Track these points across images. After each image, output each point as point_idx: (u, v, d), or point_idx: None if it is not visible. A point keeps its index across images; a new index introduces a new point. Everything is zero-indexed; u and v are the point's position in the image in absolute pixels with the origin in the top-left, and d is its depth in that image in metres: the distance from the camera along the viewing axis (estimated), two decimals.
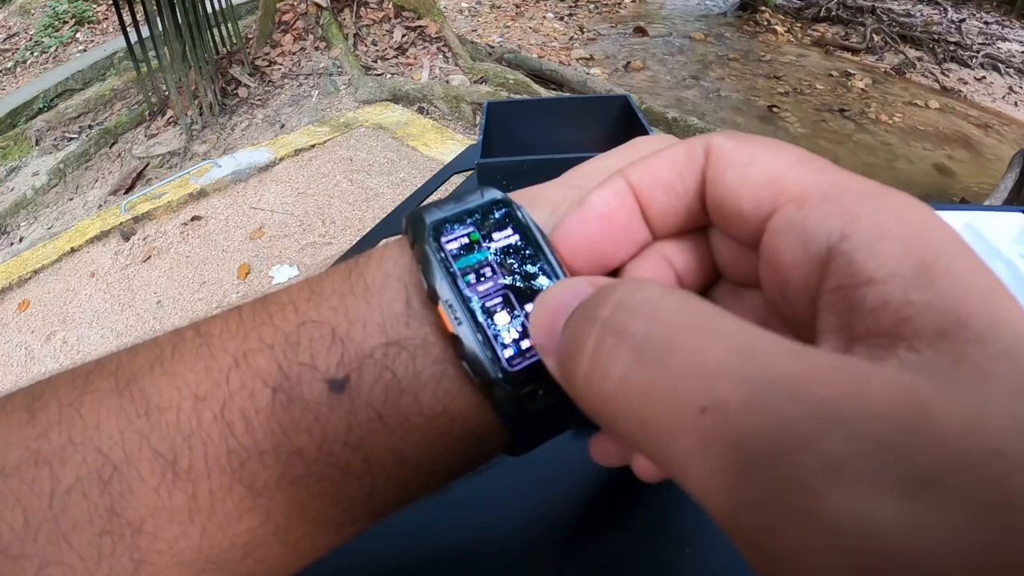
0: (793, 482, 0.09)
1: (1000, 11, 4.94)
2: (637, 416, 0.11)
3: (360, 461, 0.16)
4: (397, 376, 0.16)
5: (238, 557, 0.16)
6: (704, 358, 0.11)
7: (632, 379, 0.11)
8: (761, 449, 0.10)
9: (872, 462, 0.09)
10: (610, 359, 0.12)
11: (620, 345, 0.12)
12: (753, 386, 0.10)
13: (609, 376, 0.12)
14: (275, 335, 0.16)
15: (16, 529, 0.15)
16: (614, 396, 0.11)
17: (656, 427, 0.11)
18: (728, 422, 0.10)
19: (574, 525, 0.31)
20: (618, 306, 0.12)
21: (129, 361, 0.17)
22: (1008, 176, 2.37)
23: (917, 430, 0.09)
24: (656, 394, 0.11)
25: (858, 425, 0.09)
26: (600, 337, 0.12)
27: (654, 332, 0.11)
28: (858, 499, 0.09)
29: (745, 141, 0.15)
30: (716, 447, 0.10)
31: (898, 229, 0.12)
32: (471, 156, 0.75)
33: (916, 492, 0.09)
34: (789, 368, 0.10)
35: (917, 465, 0.09)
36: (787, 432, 0.09)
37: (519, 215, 0.17)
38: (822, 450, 0.09)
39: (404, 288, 0.16)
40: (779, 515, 0.09)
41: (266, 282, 1.87)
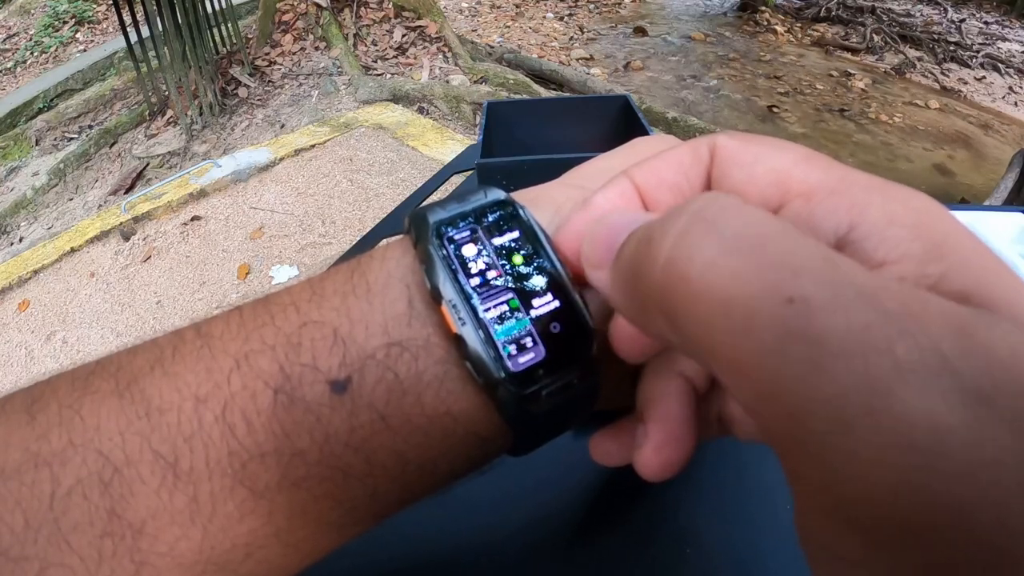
0: (869, 379, 0.10)
1: (1000, 11, 4.94)
2: (719, 301, 0.11)
3: (362, 462, 0.16)
4: (399, 377, 0.16)
5: (239, 559, 0.16)
6: (794, 256, 0.11)
7: (722, 264, 0.11)
8: (840, 345, 0.10)
9: (935, 372, 0.10)
10: (699, 244, 0.12)
11: (711, 233, 0.12)
12: (836, 288, 0.10)
13: (695, 260, 0.12)
14: (276, 336, 0.16)
15: (16, 531, 0.15)
16: (698, 280, 0.11)
17: (738, 313, 0.11)
18: (812, 315, 0.10)
19: (575, 525, 0.31)
20: (709, 202, 0.12)
21: (129, 362, 0.17)
22: (1008, 176, 2.37)
23: (970, 352, 0.10)
24: (745, 280, 0.11)
25: (921, 337, 0.10)
26: (689, 224, 0.12)
27: (747, 226, 0.12)
28: (928, 401, 0.09)
29: (749, 140, 0.16)
30: (798, 337, 0.10)
31: (905, 217, 0.13)
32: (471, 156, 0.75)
33: (973, 404, 0.09)
34: (865, 280, 0.11)
35: (972, 382, 0.09)
36: (864, 333, 0.10)
37: (522, 215, 0.17)
38: (895, 353, 0.10)
39: (406, 288, 0.16)
40: (852, 409, 0.10)
41: (266, 282, 1.87)
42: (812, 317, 0.10)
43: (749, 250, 0.11)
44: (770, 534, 0.29)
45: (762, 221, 0.12)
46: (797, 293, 0.10)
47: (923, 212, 0.13)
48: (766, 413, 0.11)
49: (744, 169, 0.15)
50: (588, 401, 0.17)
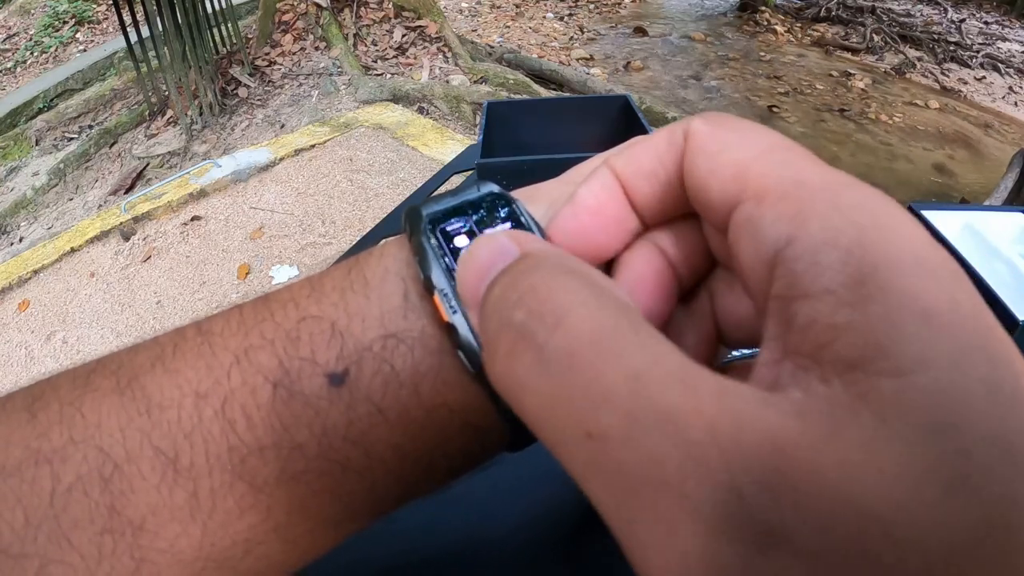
0: (658, 515, 0.10)
1: (1000, 11, 4.94)
2: (538, 424, 0.12)
3: (360, 456, 0.16)
4: (396, 369, 0.16)
5: (239, 555, 0.16)
6: (597, 381, 0.11)
7: (534, 388, 0.12)
8: (632, 481, 0.10)
9: (726, 511, 0.09)
10: (519, 364, 0.12)
11: (528, 350, 0.12)
12: (634, 420, 0.10)
13: (517, 381, 0.12)
14: (276, 331, 0.16)
15: (17, 528, 0.15)
16: (520, 400, 0.12)
17: (552, 439, 0.11)
18: (607, 451, 0.10)
19: (574, 522, 0.31)
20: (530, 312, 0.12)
21: (130, 360, 0.17)
22: (1008, 176, 2.37)
23: (775, 486, 0.09)
24: (552, 409, 0.11)
25: (719, 475, 0.09)
26: (514, 341, 0.12)
27: (559, 344, 0.11)
28: (709, 543, 0.09)
29: (721, 125, 0.15)
30: (598, 471, 0.11)
31: (844, 235, 0.11)
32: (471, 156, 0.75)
33: (764, 547, 0.09)
34: (673, 403, 0.10)
35: (769, 521, 0.09)
36: (656, 468, 0.10)
37: (516, 209, 0.17)
38: (684, 492, 0.10)
39: (402, 282, 0.16)
40: (647, 545, 0.10)
41: (266, 282, 1.87)
42: (608, 452, 0.10)
43: (558, 373, 0.11)
44: None
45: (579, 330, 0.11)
46: (595, 427, 0.11)
47: (866, 229, 0.11)
48: None
49: (709, 158, 0.14)
50: None
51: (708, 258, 0.17)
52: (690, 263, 0.17)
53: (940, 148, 3.16)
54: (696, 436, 0.10)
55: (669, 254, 0.17)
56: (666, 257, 0.17)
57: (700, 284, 0.17)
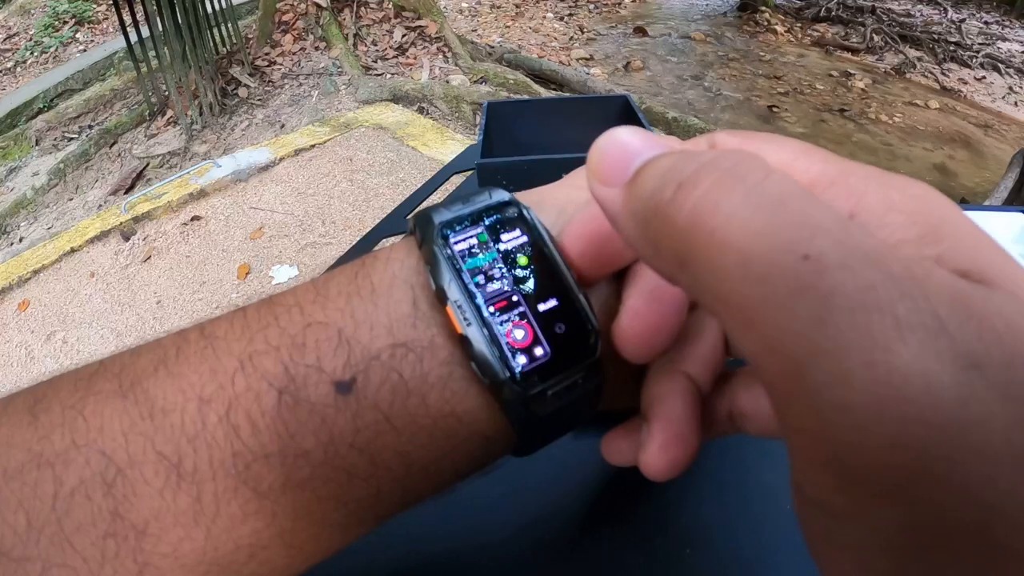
0: (870, 335, 0.10)
1: (1000, 11, 4.94)
2: (739, 252, 0.12)
3: (366, 463, 0.16)
4: (404, 378, 0.16)
5: (242, 560, 0.16)
6: (812, 216, 0.11)
7: (745, 218, 0.12)
8: (847, 301, 0.10)
9: (932, 334, 0.10)
10: (726, 198, 0.12)
11: (738, 188, 0.12)
12: (848, 249, 0.11)
13: (720, 211, 0.12)
14: (281, 337, 0.16)
15: (19, 532, 0.15)
16: (721, 231, 0.12)
17: (756, 265, 0.11)
18: (825, 272, 0.11)
19: (576, 526, 0.31)
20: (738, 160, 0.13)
21: (132, 363, 0.17)
22: (1008, 176, 2.37)
23: (966, 320, 0.10)
24: (766, 236, 0.11)
25: (924, 302, 0.10)
26: (720, 177, 0.12)
27: (771, 184, 0.12)
28: (924, 360, 0.10)
29: (749, 136, 0.16)
30: (808, 292, 0.11)
31: (903, 203, 0.13)
32: (471, 156, 0.75)
33: (966, 368, 0.10)
34: (874, 245, 0.11)
35: (966, 347, 0.10)
36: (870, 292, 0.10)
37: (527, 216, 0.17)
38: (896, 313, 0.10)
39: (411, 289, 0.16)
40: (853, 362, 0.10)
41: (266, 282, 1.87)
42: (824, 274, 0.11)
43: (772, 208, 0.12)
44: (773, 534, 0.29)
45: (785, 181, 0.12)
46: (813, 251, 0.11)
47: (920, 199, 0.13)
48: (770, 363, 0.11)
49: None
50: (592, 401, 0.17)
51: None
52: None
53: (940, 148, 3.16)
54: (898, 271, 0.11)
55: None
56: None
57: None
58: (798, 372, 0.11)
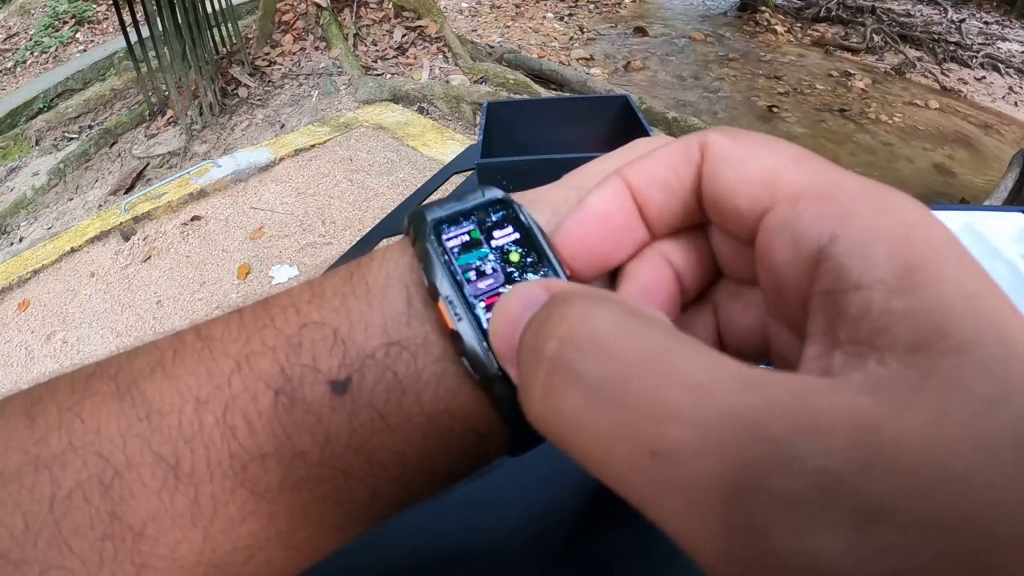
0: (745, 522, 0.09)
1: (1000, 11, 4.94)
2: (591, 455, 0.11)
3: (363, 463, 0.16)
4: (399, 376, 0.16)
5: (240, 561, 0.16)
6: (657, 399, 0.10)
7: (584, 419, 0.11)
8: (711, 492, 0.10)
9: (823, 498, 0.09)
10: (561, 398, 0.11)
11: (571, 384, 0.11)
12: (705, 428, 0.10)
13: (562, 415, 0.11)
14: (277, 337, 0.16)
15: (16, 534, 0.15)
16: (568, 435, 0.11)
17: (610, 467, 0.11)
18: (678, 467, 0.10)
19: (572, 526, 0.31)
20: (565, 341, 0.12)
21: (129, 364, 0.17)
22: (1008, 176, 2.37)
23: (869, 461, 0.09)
24: (608, 436, 0.11)
25: (811, 460, 0.09)
26: (548, 375, 0.12)
27: (605, 371, 0.11)
28: (807, 535, 0.09)
29: (740, 137, 0.15)
30: (667, 490, 0.10)
31: (889, 232, 0.12)
32: (471, 156, 0.75)
33: (865, 524, 0.09)
34: (745, 404, 0.10)
35: (867, 498, 0.09)
36: (738, 473, 0.10)
37: (520, 215, 0.17)
38: (773, 488, 0.09)
39: (405, 288, 0.16)
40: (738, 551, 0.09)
41: (266, 282, 1.87)
42: (679, 468, 0.10)
43: (609, 400, 0.11)
44: None
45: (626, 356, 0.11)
46: (661, 446, 0.10)
47: (909, 226, 0.12)
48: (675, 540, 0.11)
49: (734, 167, 0.15)
50: None
51: (713, 269, 0.17)
52: (695, 274, 0.17)
53: (940, 148, 3.16)
54: (778, 431, 0.10)
55: (675, 264, 0.17)
56: (672, 267, 0.17)
57: (703, 295, 0.18)
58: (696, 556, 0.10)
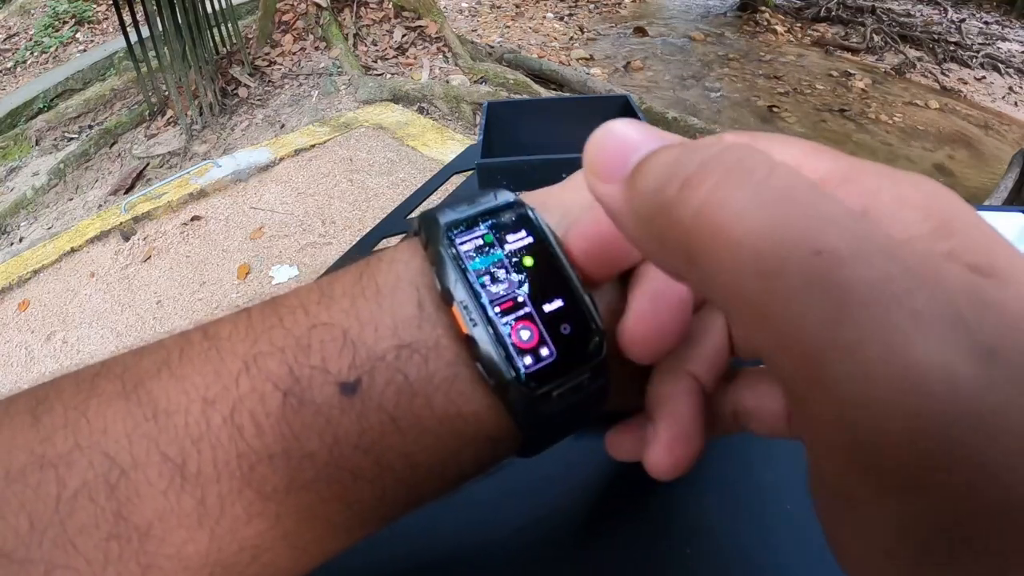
0: (888, 327, 0.10)
1: (1000, 11, 4.94)
2: (750, 248, 0.11)
3: (371, 464, 0.16)
4: (409, 379, 0.16)
5: (246, 561, 0.16)
6: (823, 210, 0.11)
7: (754, 212, 0.11)
8: (864, 294, 0.10)
9: (950, 325, 0.10)
10: (735, 194, 0.12)
11: (746, 184, 0.12)
12: (862, 241, 0.11)
13: (728, 208, 0.12)
14: (285, 338, 0.16)
15: (21, 533, 0.15)
16: (731, 226, 0.12)
17: (768, 261, 0.11)
18: (839, 265, 0.11)
19: (576, 526, 0.31)
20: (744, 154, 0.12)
21: (135, 364, 0.17)
22: (1008, 176, 2.37)
23: (982, 310, 0.10)
24: (776, 230, 0.11)
25: (939, 292, 0.10)
26: (726, 173, 0.12)
27: (779, 178, 0.12)
28: (943, 351, 0.10)
29: (756, 137, 0.16)
30: (823, 287, 0.11)
31: (915, 199, 0.13)
32: (471, 156, 0.75)
33: (984, 358, 0.10)
34: (887, 237, 0.11)
35: (983, 337, 0.10)
36: (887, 284, 0.10)
37: (532, 218, 0.17)
38: (914, 304, 0.10)
39: (416, 291, 0.16)
40: (872, 355, 0.10)
41: (266, 282, 1.87)
42: (839, 267, 0.11)
43: (781, 202, 0.11)
44: (773, 534, 0.29)
45: (793, 175, 0.12)
46: (825, 245, 0.11)
47: (932, 195, 0.13)
48: (785, 360, 0.11)
49: None
50: (598, 401, 0.17)
51: None
52: None
53: (940, 148, 3.16)
54: (914, 264, 0.11)
55: None
56: None
57: None
58: (815, 367, 0.11)
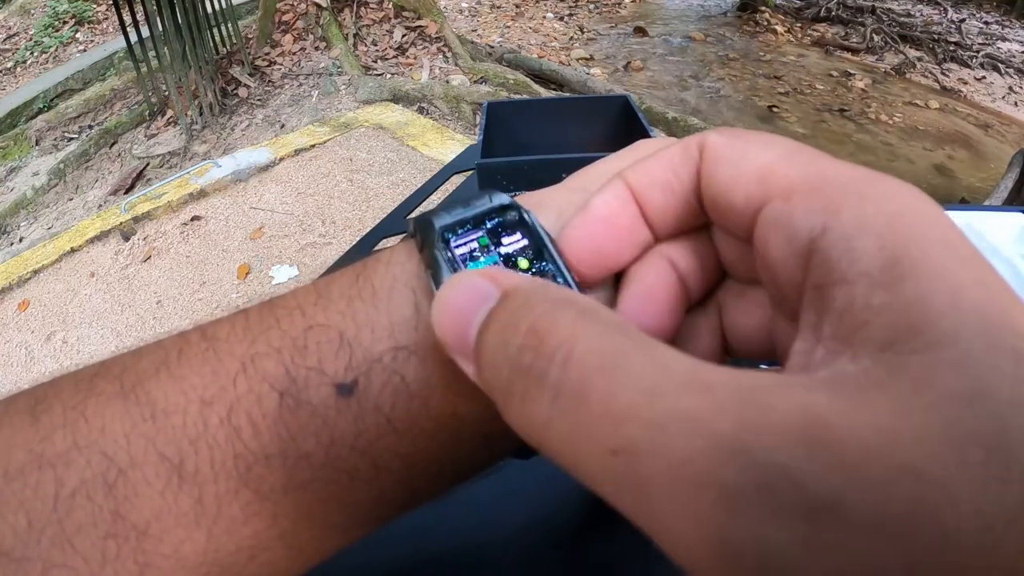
0: (697, 514, 0.10)
1: (1000, 11, 4.94)
2: (563, 456, 0.12)
3: (368, 465, 0.16)
4: (406, 380, 0.16)
5: (243, 561, 0.16)
6: (615, 402, 0.11)
7: (554, 424, 0.12)
8: (667, 487, 0.10)
9: (769, 490, 0.09)
10: (535, 405, 0.12)
11: (542, 392, 0.12)
12: (657, 427, 0.10)
13: (536, 421, 0.12)
14: (282, 339, 0.16)
15: (19, 532, 0.15)
16: (543, 440, 0.12)
17: (577, 465, 0.11)
18: (636, 463, 0.10)
19: (575, 526, 0.31)
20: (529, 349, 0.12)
21: (134, 364, 0.17)
22: (1008, 176, 2.37)
23: (814, 455, 0.09)
24: (575, 438, 0.11)
25: (756, 455, 0.09)
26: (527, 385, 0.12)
27: (569, 378, 0.12)
28: (757, 527, 0.09)
29: (738, 136, 0.15)
30: (629, 484, 0.11)
31: (875, 222, 0.12)
32: (471, 156, 0.75)
33: (816, 517, 0.09)
34: (692, 405, 0.10)
35: (814, 491, 0.09)
36: (687, 468, 0.10)
37: (527, 220, 0.17)
38: (719, 482, 0.09)
39: (412, 293, 0.16)
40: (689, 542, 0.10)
41: (266, 282, 1.87)
42: (636, 465, 0.10)
43: (574, 405, 0.11)
44: None
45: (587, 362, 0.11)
46: (619, 443, 0.11)
47: (895, 216, 0.12)
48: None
49: (730, 165, 0.15)
50: None
51: (717, 270, 0.17)
52: (699, 275, 0.17)
53: (940, 148, 3.16)
54: (723, 427, 0.10)
55: (679, 267, 0.17)
56: (676, 270, 0.17)
57: (708, 296, 0.18)
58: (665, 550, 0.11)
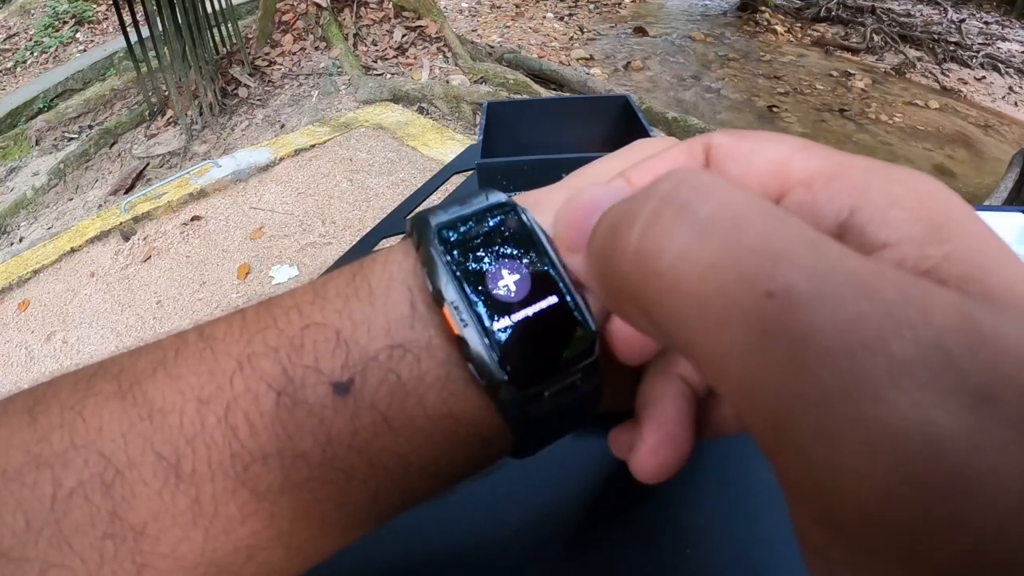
0: (855, 382, 0.09)
1: (1000, 11, 4.94)
2: (692, 295, 0.10)
3: (365, 465, 0.16)
4: (402, 379, 0.16)
5: (241, 561, 0.16)
6: (775, 240, 0.10)
7: (694, 254, 0.10)
8: (825, 343, 0.09)
9: (936, 371, 0.09)
10: (669, 232, 0.11)
11: (682, 219, 0.11)
12: (823, 276, 0.09)
13: (665, 251, 0.11)
14: (279, 338, 0.16)
15: (17, 532, 0.15)
16: (669, 272, 0.11)
17: (712, 309, 0.10)
18: (795, 309, 0.09)
19: (575, 526, 0.31)
20: (680, 183, 0.11)
21: (132, 364, 0.17)
22: (1008, 176, 2.37)
23: (976, 346, 0.09)
24: (719, 272, 0.10)
25: (923, 330, 0.09)
26: (658, 209, 0.11)
27: (723, 207, 0.10)
28: (924, 406, 0.08)
29: (745, 136, 0.16)
30: (777, 335, 0.09)
31: (907, 198, 0.12)
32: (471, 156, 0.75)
33: (977, 406, 0.08)
34: (858, 265, 0.10)
35: (977, 380, 0.08)
36: (855, 329, 0.09)
37: (523, 218, 0.17)
38: (890, 351, 0.09)
39: (408, 291, 0.16)
40: (837, 417, 0.09)
41: (266, 282, 1.87)
42: (794, 312, 0.09)
43: (725, 235, 0.10)
44: (773, 533, 0.29)
45: (740, 201, 0.11)
46: (777, 285, 0.09)
47: (925, 194, 0.12)
48: (750, 416, 0.10)
49: (741, 163, 0.15)
50: (591, 402, 0.17)
51: None
52: None
53: (940, 148, 3.16)
54: (891, 296, 0.09)
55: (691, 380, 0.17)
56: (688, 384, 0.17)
57: None
58: (778, 428, 0.09)
